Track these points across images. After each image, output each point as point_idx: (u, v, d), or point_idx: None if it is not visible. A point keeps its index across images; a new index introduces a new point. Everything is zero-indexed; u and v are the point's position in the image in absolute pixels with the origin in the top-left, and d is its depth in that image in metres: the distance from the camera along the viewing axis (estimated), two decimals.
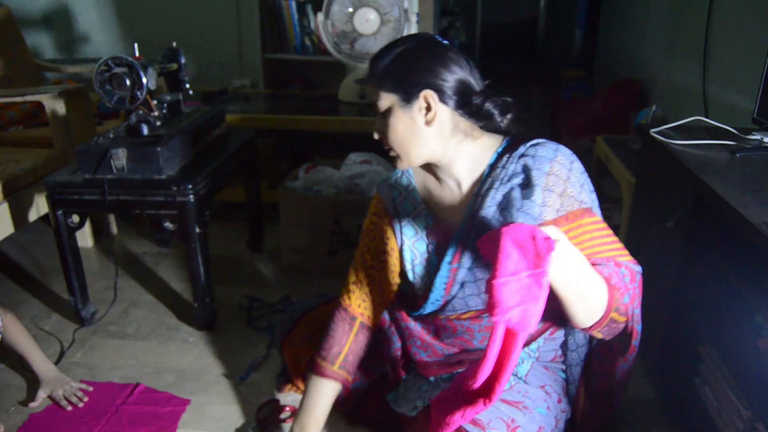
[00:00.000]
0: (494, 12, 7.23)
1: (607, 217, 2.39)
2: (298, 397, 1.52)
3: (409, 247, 1.17)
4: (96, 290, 2.04)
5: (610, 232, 1.06)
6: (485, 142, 1.09)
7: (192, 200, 1.65)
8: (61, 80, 3.13)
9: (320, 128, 2.84)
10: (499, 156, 1.08)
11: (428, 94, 1.02)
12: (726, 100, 2.06)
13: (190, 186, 1.64)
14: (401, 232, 1.18)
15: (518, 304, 0.80)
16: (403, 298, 1.27)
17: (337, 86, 2.78)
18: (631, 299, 1.02)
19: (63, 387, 1.50)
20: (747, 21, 1.95)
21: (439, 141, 1.06)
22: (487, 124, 1.07)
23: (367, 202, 1.52)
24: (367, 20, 2.57)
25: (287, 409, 1.48)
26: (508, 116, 1.06)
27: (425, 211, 1.16)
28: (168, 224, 1.70)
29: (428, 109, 1.03)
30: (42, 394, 1.49)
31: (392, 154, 1.10)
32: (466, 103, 1.04)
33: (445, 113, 1.03)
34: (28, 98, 2.11)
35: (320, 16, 2.63)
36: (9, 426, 1.44)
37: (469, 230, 1.07)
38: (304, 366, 1.38)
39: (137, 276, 2.17)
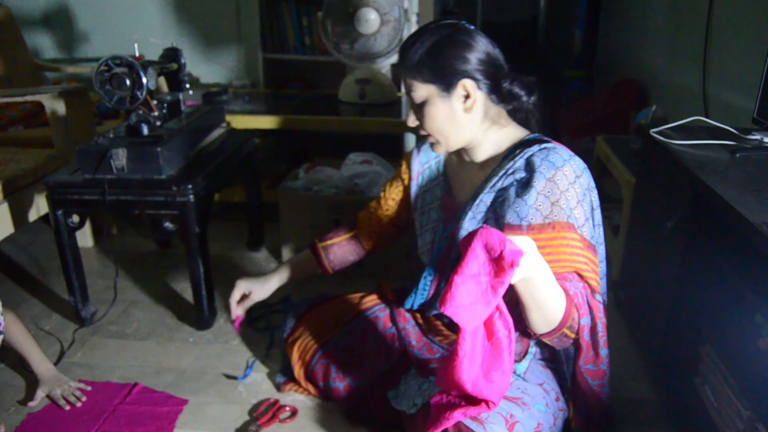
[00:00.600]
0: (494, 12, 7.22)
1: (607, 217, 2.41)
2: (299, 397, 1.53)
3: (421, 213, 1.27)
4: (96, 290, 2.04)
5: (592, 257, 1.08)
6: (509, 132, 1.15)
7: (192, 200, 1.65)
8: (61, 80, 3.13)
9: (320, 128, 2.84)
10: (515, 148, 1.12)
11: (467, 83, 1.07)
12: (726, 100, 2.06)
13: (190, 186, 1.64)
14: (417, 197, 1.30)
15: (469, 303, 0.85)
16: (402, 293, 1.30)
17: (337, 86, 2.78)
18: (590, 326, 1.06)
19: (61, 386, 1.50)
20: (747, 21, 1.95)
21: (475, 126, 1.11)
22: (516, 107, 1.13)
23: (367, 202, 1.53)
24: (367, 20, 2.57)
25: (287, 409, 1.48)
26: (533, 97, 1.13)
27: (443, 183, 1.26)
28: (168, 224, 1.70)
29: (467, 96, 1.07)
30: (41, 394, 1.49)
31: (431, 140, 1.14)
32: (497, 88, 1.09)
33: (480, 99, 1.09)
34: (28, 98, 2.11)
35: (320, 16, 2.63)
36: (9, 426, 1.44)
37: (471, 212, 1.13)
38: (309, 359, 1.40)
39: (137, 276, 2.17)
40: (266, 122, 2.51)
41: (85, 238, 2.36)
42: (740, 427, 1.15)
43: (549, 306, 0.96)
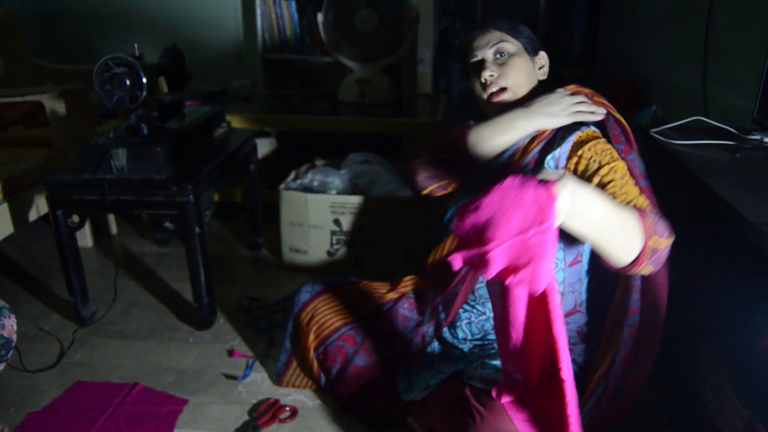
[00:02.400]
0: (494, 12, 7.22)
1: None
2: (299, 397, 1.53)
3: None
4: (96, 290, 2.03)
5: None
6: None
7: (192, 200, 1.65)
8: (61, 80, 3.13)
9: (320, 128, 2.84)
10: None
11: (545, 55, 1.32)
12: (726, 100, 2.06)
13: (190, 186, 1.64)
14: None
15: (527, 263, 0.76)
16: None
17: (337, 86, 2.78)
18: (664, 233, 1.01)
19: None
20: (747, 21, 1.95)
21: (536, 89, 1.28)
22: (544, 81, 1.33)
23: (367, 202, 1.52)
24: (367, 20, 2.57)
25: (287, 409, 1.48)
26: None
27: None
28: (168, 224, 1.70)
29: (542, 66, 1.31)
30: None
31: (503, 95, 1.25)
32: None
33: (546, 72, 1.32)
34: (28, 98, 2.11)
35: (320, 16, 2.63)
36: (9, 426, 1.44)
37: (506, 161, 1.25)
38: (325, 336, 1.40)
39: (137, 276, 2.17)
40: (266, 122, 2.51)
41: (85, 238, 2.36)
42: (740, 427, 1.15)
43: (616, 229, 0.90)
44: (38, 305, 1.98)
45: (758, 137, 1.46)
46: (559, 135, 1.21)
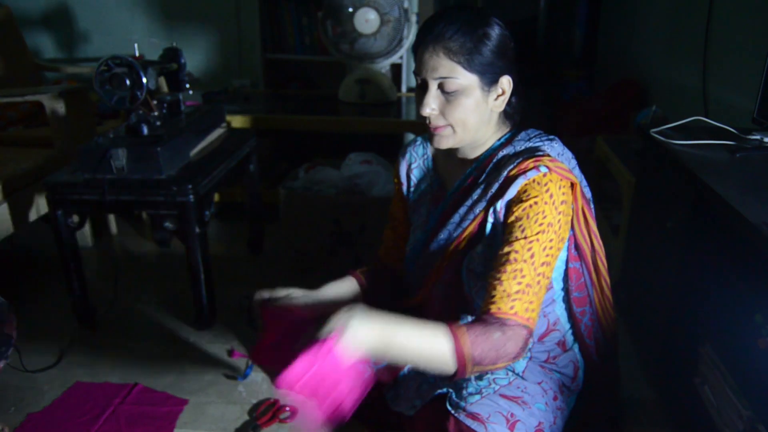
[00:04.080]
0: (494, 12, 7.21)
1: (608, 217, 2.41)
2: (299, 397, 1.52)
3: (414, 210, 1.25)
4: (96, 290, 2.04)
5: (546, 262, 1.02)
6: (498, 125, 1.15)
7: (192, 200, 1.65)
8: (61, 80, 3.13)
9: (320, 128, 2.84)
10: (509, 138, 1.13)
11: (509, 80, 1.07)
12: (726, 100, 2.06)
13: (190, 186, 1.64)
14: (410, 198, 1.26)
15: (328, 393, 0.89)
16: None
17: (337, 86, 2.78)
18: (508, 353, 0.98)
19: None
20: (747, 21, 1.95)
21: (493, 121, 1.11)
22: (508, 108, 1.12)
23: (367, 202, 1.53)
24: (367, 20, 2.57)
25: (287, 409, 1.48)
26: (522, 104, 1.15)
27: (434, 178, 1.23)
28: (168, 224, 1.70)
29: (502, 93, 1.07)
30: None
31: (442, 132, 1.08)
32: (517, 88, 1.10)
33: (508, 96, 1.08)
34: (28, 98, 2.11)
35: (320, 16, 2.63)
36: (9, 426, 1.44)
37: (462, 193, 1.13)
38: (286, 325, 1.37)
39: (137, 276, 2.17)
40: (266, 122, 2.52)
41: (85, 238, 2.36)
42: (740, 427, 1.15)
43: (419, 361, 0.95)
44: (38, 305, 1.98)
45: (758, 137, 1.46)
46: (501, 173, 1.06)
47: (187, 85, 2.01)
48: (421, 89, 1.07)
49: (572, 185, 1.07)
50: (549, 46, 6.95)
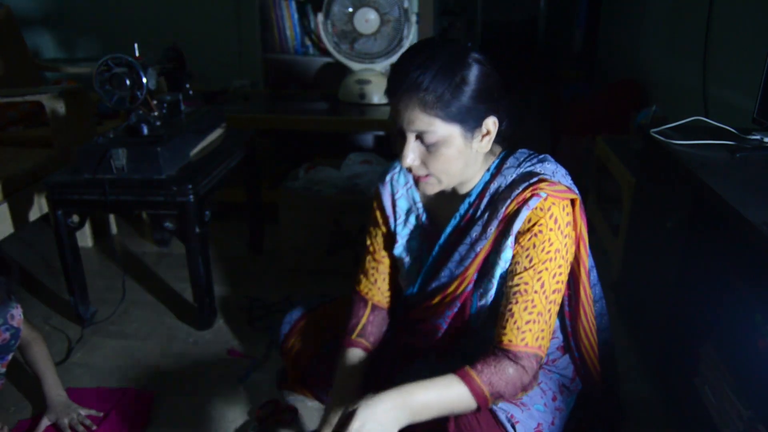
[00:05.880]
0: (494, 12, 7.22)
1: (608, 217, 2.41)
2: (299, 397, 1.52)
3: (402, 244, 1.19)
4: (96, 290, 2.04)
5: (552, 301, 1.01)
6: (487, 156, 1.09)
7: (192, 200, 1.65)
8: (61, 80, 3.13)
9: (320, 128, 2.84)
10: (498, 166, 1.08)
11: (494, 121, 0.99)
12: (726, 100, 2.06)
13: (190, 186, 1.64)
14: (396, 231, 1.19)
15: None
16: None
17: (337, 86, 2.78)
18: (522, 386, 1.00)
19: (69, 415, 1.41)
20: (747, 21, 1.95)
21: (480, 160, 1.05)
22: (497, 137, 1.05)
23: (367, 202, 1.52)
24: (367, 20, 2.57)
25: (287, 409, 1.48)
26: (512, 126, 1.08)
27: (421, 209, 1.17)
28: (168, 224, 1.70)
29: (486, 133, 1.00)
30: (45, 422, 1.41)
31: (428, 180, 1.03)
32: (503, 122, 1.03)
33: (494, 133, 1.01)
34: (28, 98, 2.11)
35: (320, 16, 2.63)
36: (8, 426, 1.44)
37: (458, 232, 1.08)
38: (305, 363, 1.39)
39: (137, 276, 2.17)
40: (266, 122, 2.51)
41: (85, 238, 2.36)
42: (740, 427, 1.15)
43: (441, 413, 0.96)
44: (38, 305, 1.98)
45: (758, 137, 1.46)
46: (499, 209, 1.02)
47: (187, 85, 2.01)
48: (400, 137, 1.00)
49: (573, 202, 1.04)
50: (549, 46, 6.96)
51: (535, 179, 1.01)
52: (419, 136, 0.97)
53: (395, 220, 1.19)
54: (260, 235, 2.38)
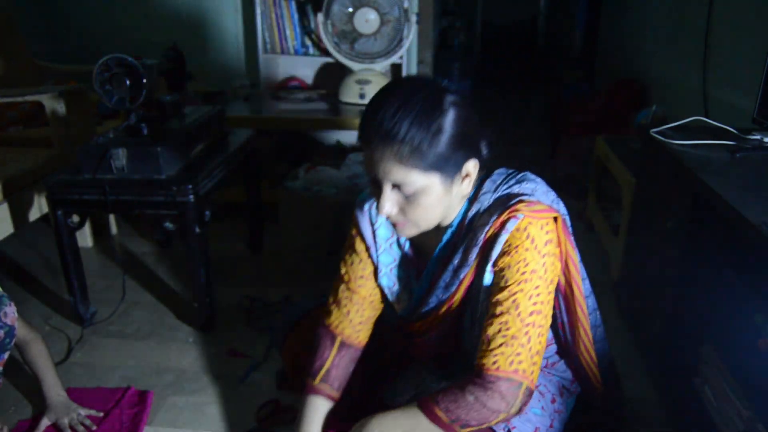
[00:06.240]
0: (494, 12, 7.23)
1: (607, 217, 2.40)
2: (299, 396, 1.52)
3: (386, 273, 1.17)
4: (96, 290, 2.04)
5: (540, 322, 0.98)
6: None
7: (192, 200, 1.65)
8: (61, 80, 3.13)
9: (320, 128, 2.84)
10: (476, 192, 1.06)
11: (475, 163, 0.97)
12: (726, 100, 2.06)
13: (190, 186, 1.64)
14: (378, 260, 1.16)
15: None
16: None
17: (337, 86, 2.78)
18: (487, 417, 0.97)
19: (69, 415, 1.40)
20: (747, 21, 1.95)
21: (460, 198, 1.03)
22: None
23: None
24: (367, 20, 2.57)
25: (287, 409, 1.48)
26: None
27: (403, 238, 1.15)
28: (168, 224, 1.70)
29: (467, 175, 0.98)
30: (45, 422, 1.40)
31: (408, 226, 1.01)
32: (483, 161, 1.01)
33: (475, 172, 0.99)
34: (28, 98, 2.11)
35: (320, 16, 2.63)
36: (8, 426, 1.44)
37: (442, 261, 1.07)
38: (305, 364, 1.39)
39: (137, 276, 2.17)
40: (266, 122, 2.51)
41: (85, 238, 2.36)
42: (740, 427, 1.15)
43: None
44: (38, 305, 1.98)
45: (758, 137, 1.46)
46: (478, 236, 1.00)
47: (188, 85, 2.01)
48: (375, 185, 0.97)
49: (555, 219, 1.01)
50: (549, 46, 6.96)
51: (513, 201, 0.99)
52: (396, 186, 0.94)
53: (376, 249, 1.16)
54: (260, 235, 2.38)
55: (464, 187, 0.99)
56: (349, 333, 1.19)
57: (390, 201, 0.96)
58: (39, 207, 2.01)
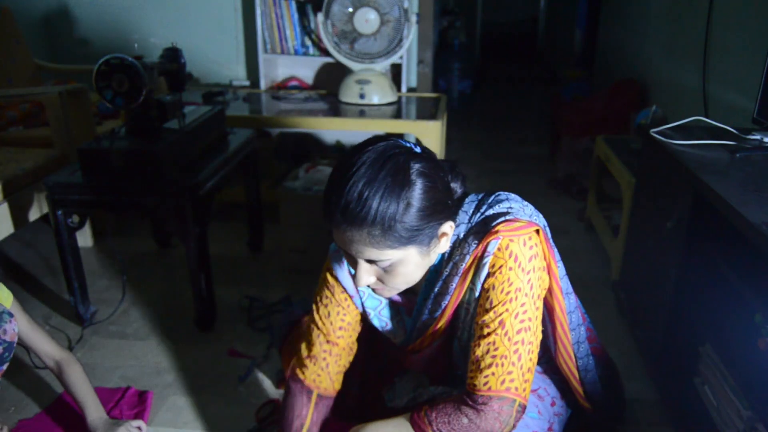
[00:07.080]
0: (494, 12, 7.24)
1: (607, 217, 2.40)
2: None
3: (376, 316, 1.16)
4: (96, 290, 2.04)
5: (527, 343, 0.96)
6: None
7: (192, 200, 1.65)
8: (61, 80, 3.13)
9: (320, 128, 2.84)
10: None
11: (450, 224, 0.96)
12: (726, 100, 2.06)
13: (189, 186, 1.64)
14: (363, 305, 1.15)
15: None
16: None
17: (337, 86, 2.78)
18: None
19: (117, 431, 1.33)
20: (747, 21, 1.95)
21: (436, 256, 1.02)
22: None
23: None
24: (367, 20, 2.57)
25: None
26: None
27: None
28: (168, 224, 1.70)
29: (443, 235, 0.96)
30: None
31: (386, 292, 1.01)
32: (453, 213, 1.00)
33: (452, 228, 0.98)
34: (28, 98, 2.11)
35: (320, 16, 2.63)
36: (8, 426, 1.44)
37: (430, 289, 1.07)
38: None
39: (137, 276, 2.17)
40: (266, 122, 2.51)
41: (85, 238, 2.36)
42: (740, 427, 1.15)
43: None
44: (38, 305, 1.98)
45: (758, 137, 1.46)
46: (458, 267, 1.00)
47: (187, 85, 2.01)
48: (349, 257, 0.95)
49: (537, 231, 1.00)
50: (549, 46, 6.95)
51: (492, 225, 0.97)
52: (372, 261, 0.93)
53: (360, 297, 1.14)
54: (260, 235, 2.38)
55: (442, 245, 0.97)
56: (327, 385, 1.17)
57: (367, 273, 0.95)
58: (39, 207, 2.01)
